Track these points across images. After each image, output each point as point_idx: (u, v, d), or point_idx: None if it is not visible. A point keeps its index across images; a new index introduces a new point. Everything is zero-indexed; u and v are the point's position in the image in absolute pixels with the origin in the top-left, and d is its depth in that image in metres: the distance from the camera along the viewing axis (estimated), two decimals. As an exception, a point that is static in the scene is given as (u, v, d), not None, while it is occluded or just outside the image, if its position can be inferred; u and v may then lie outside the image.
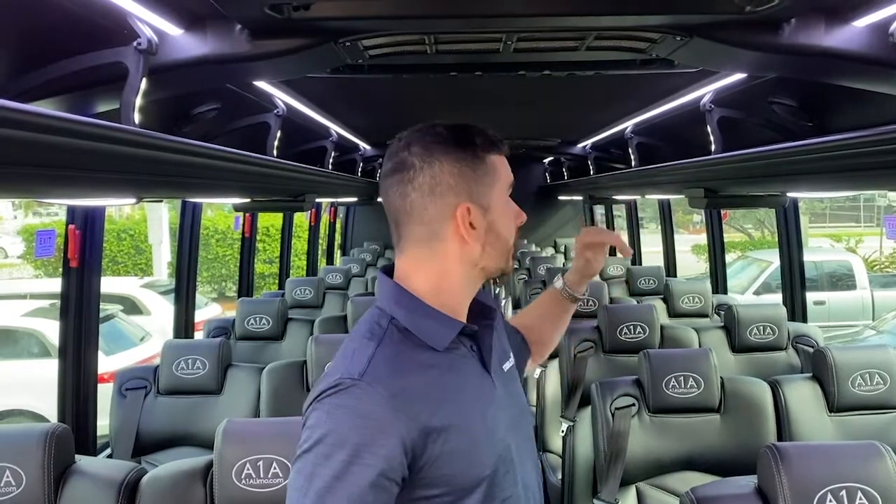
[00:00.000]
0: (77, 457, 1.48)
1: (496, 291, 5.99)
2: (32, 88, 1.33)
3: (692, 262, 13.47)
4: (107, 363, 5.19)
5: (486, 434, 0.97)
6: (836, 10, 1.39)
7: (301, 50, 1.51)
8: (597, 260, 1.40)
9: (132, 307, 7.70)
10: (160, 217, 11.02)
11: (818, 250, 11.09)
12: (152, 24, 1.35)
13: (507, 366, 1.11)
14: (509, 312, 5.16)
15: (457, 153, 0.99)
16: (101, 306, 2.52)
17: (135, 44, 1.31)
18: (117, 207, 12.71)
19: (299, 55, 1.53)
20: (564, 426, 2.54)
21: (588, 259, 1.39)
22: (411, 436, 0.89)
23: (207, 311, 7.87)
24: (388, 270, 1.06)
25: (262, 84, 2.21)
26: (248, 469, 1.41)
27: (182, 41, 1.45)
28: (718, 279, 4.53)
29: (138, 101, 1.36)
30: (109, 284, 8.22)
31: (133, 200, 1.71)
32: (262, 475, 1.41)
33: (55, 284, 2.40)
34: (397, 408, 0.88)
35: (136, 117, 1.37)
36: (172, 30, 1.43)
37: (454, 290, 1.02)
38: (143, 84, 1.35)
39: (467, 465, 0.93)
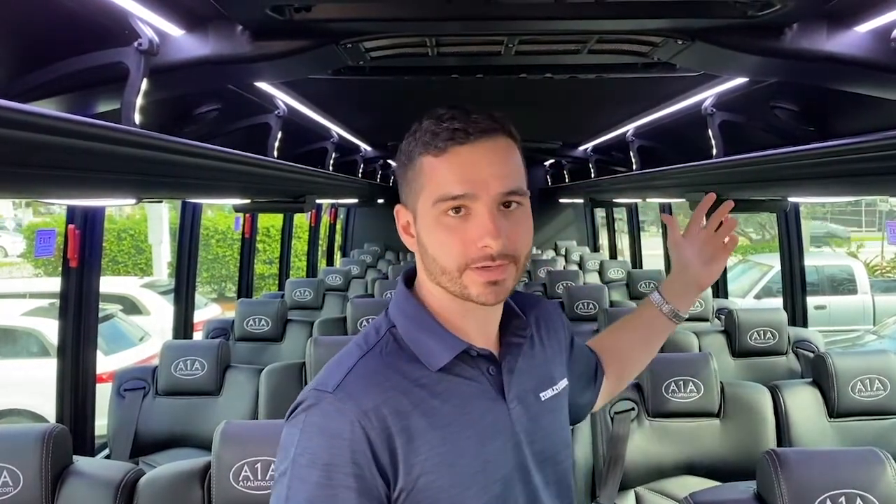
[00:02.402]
0: (75, 457, 1.48)
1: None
2: (33, 88, 1.33)
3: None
4: (106, 363, 5.19)
5: (479, 469, 0.85)
6: (838, 15, 1.38)
7: (302, 51, 1.51)
8: (716, 261, 1.13)
9: (132, 307, 7.69)
10: (160, 217, 11.02)
11: (819, 255, 11.08)
12: (154, 24, 1.35)
13: (546, 394, 0.96)
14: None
15: (403, 149, 0.90)
16: (100, 306, 2.51)
17: (136, 44, 1.30)
18: (118, 207, 12.72)
19: (300, 56, 1.53)
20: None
21: (705, 260, 1.11)
22: (384, 457, 0.80)
23: (207, 311, 7.86)
24: (410, 274, 0.96)
25: (262, 85, 2.21)
26: (245, 471, 1.41)
27: (183, 42, 1.45)
28: (719, 283, 4.52)
29: (139, 101, 1.36)
30: (109, 284, 8.22)
31: (133, 201, 1.71)
32: (259, 477, 1.41)
33: (55, 284, 2.40)
34: (369, 426, 0.80)
35: (137, 118, 1.37)
36: (174, 30, 1.43)
37: (439, 305, 0.90)
38: (144, 84, 1.35)
39: (451, 502, 0.83)
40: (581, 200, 6.00)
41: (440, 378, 0.87)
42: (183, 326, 3.61)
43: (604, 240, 7.75)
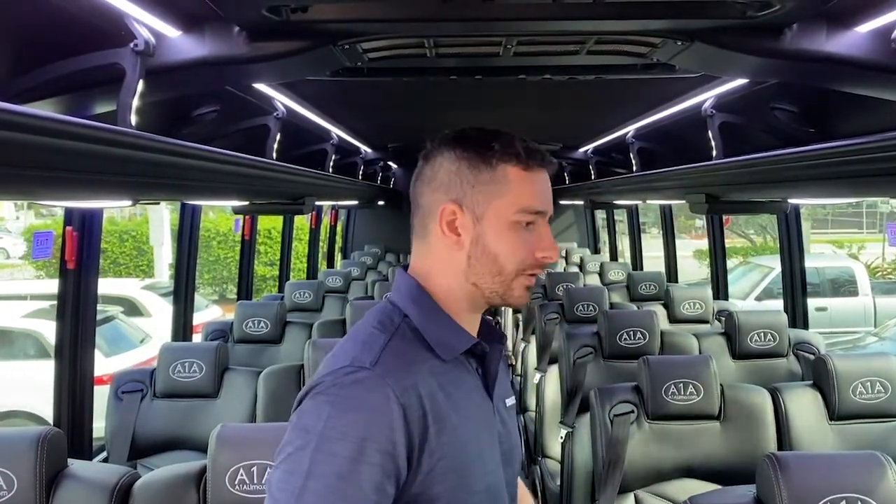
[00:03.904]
0: (70, 461, 1.46)
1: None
2: (29, 90, 1.33)
3: (694, 268, 13.44)
4: (107, 365, 5.18)
5: (478, 460, 0.91)
6: (837, 15, 1.38)
7: (299, 52, 1.51)
8: None
9: (132, 309, 7.68)
10: (162, 219, 11.02)
11: (820, 256, 11.07)
12: (150, 25, 1.35)
13: (509, 402, 1.04)
14: (509, 318, 5.15)
15: (463, 152, 0.94)
16: (101, 308, 2.50)
17: (132, 45, 1.30)
18: (119, 209, 12.72)
19: (298, 57, 1.52)
20: (563, 432, 2.53)
21: None
22: (414, 438, 0.83)
23: (208, 312, 7.85)
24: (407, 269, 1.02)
25: (261, 86, 2.20)
26: (241, 475, 1.40)
27: (180, 43, 1.45)
28: (719, 285, 4.52)
29: (135, 102, 1.35)
30: (110, 286, 8.21)
31: (129, 203, 1.70)
32: (255, 481, 1.40)
33: (56, 285, 2.39)
34: (407, 403, 0.83)
35: (134, 119, 1.36)
36: (170, 31, 1.42)
37: (450, 302, 0.95)
38: (140, 86, 1.34)
39: (455, 489, 0.87)
40: (581, 202, 6.00)
41: (450, 369, 0.92)
42: (182, 328, 3.60)
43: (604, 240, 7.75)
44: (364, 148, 4.66)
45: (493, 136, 0.94)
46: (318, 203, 4.54)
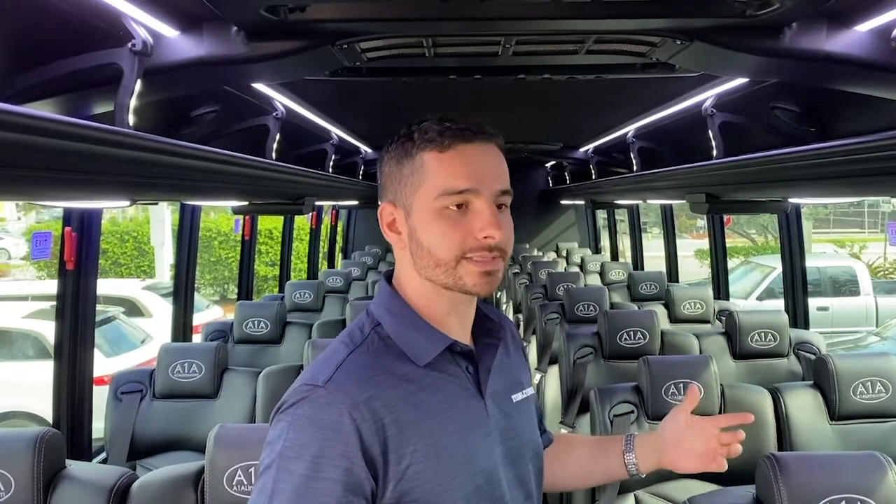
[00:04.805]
0: (68, 462, 1.46)
1: (497, 296, 5.97)
2: (27, 90, 1.33)
3: (695, 268, 13.43)
4: (108, 365, 5.18)
5: (463, 461, 0.88)
6: (837, 14, 1.37)
7: (298, 52, 1.50)
8: (690, 458, 1.07)
9: (133, 309, 7.68)
10: (163, 219, 11.03)
11: (822, 256, 11.06)
12: (148, 25, 1.34)
13: (517, 397, 1.00)
14: (509, 317, 5.14)
15: (394, 149, 0.93)
16: (102, 308, 2.50)
17: (129, 45, 1.30)
18: (121, 209, 12.72)
19: (296, 57, 1.52)
20: (563, 432, 2.52)
21: (684, 447, 1.06)
22: (374, 450, 0.82)
23: (209, 313, 7.85)
24: (390, 275, 1.00)
25: (261, 86, 2.20)
26: (239, 475, 1.40)
27: (178, 43, 1.45)
28: (720, 285, 4.51)
29: (133, 102, 1.35)
30: (111, 286, 8.21)
31: (127, 203, 1.70)
32: (253, 481, 1.39)
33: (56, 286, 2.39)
34: (360, 418, 0.82)
35: (131, 119, 1.36)
36: (168, 31, 1.42)
37: (423, 302, 0.93)
38: (138, 86, 1.34)
39: (435, 494, 0.85)
40: (582, 202, 5.99)
41: (426, 373, 0.90)
42: (182, 329, 3.60)
43: (605, 241, 7.74)
44: (364, 148, 4.65)
45: (416, 127, 0.91)
46: (318, 203, 4.54)
